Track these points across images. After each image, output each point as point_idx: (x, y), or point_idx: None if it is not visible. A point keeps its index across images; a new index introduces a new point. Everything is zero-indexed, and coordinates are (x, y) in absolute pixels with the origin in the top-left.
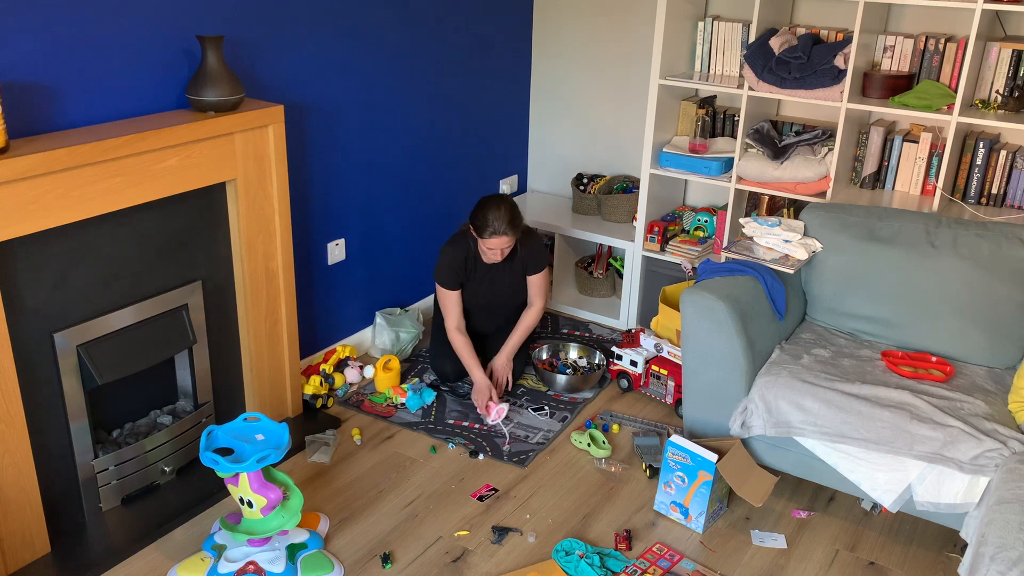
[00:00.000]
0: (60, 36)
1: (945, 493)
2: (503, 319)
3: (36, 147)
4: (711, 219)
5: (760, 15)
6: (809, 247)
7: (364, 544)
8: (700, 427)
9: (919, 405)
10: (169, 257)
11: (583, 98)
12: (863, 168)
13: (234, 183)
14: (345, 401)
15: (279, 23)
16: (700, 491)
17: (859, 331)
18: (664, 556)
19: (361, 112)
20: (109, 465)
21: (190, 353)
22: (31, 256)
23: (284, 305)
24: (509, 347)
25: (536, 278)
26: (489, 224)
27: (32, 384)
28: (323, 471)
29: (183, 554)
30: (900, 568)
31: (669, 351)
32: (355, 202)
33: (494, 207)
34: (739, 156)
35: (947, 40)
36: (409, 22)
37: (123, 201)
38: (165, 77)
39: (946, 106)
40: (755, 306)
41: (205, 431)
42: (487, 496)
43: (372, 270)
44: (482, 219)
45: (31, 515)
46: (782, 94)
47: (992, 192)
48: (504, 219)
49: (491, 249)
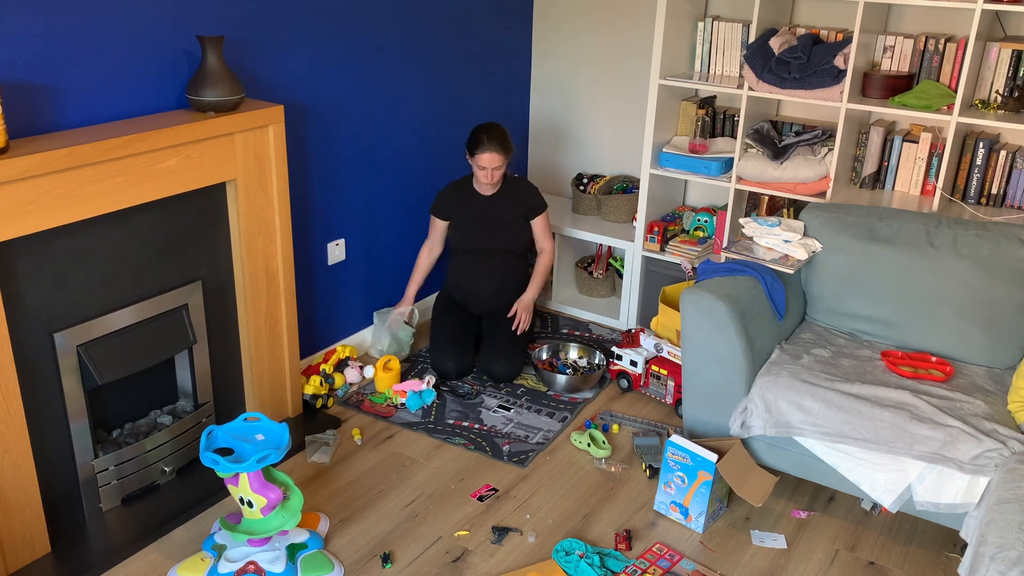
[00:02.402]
0: (60, 36)
1: (945, 493)
2: (498, 281)
3: (36, 147)
4: (711, 219)
5: (760, 15)
6: (809, 247)
7: (364, 544)
8: (700, 427)
9: (919, 405)
10: (169, 257)
11: (583, 98)
12: (863, 168)
13: (234, 183)
14: (345, 401)
15: (279, 23)
16: (700, 491)
17: (859, 331)
18: (664, 556)
19: (361, 112)
20: (109, 465)
21: (190, 353)
22: (31, 256)
23: (284, 305)
24: (534, 288)
25: (539, 220)
26: (480, 141)
27: (32, 384)
28: (323, 471)
29: (183, 554)
30: (900, 568)
31: (669, 351)
32: (355, 202)
33: (485, 127)
34: (739, 156)
35: (947, 40)
36: (409, 22)
37: (123, 201)
38: (165, 77)
39: (946, 106)
40: (755, 306)
41: (205, 431)
42: (487, 496)
43: (372, 270)
44: (473, 137)
45: (31, 515)
46: (782, 94)
47: (992, 192)
48: (495, 137)
49: (482, 168)
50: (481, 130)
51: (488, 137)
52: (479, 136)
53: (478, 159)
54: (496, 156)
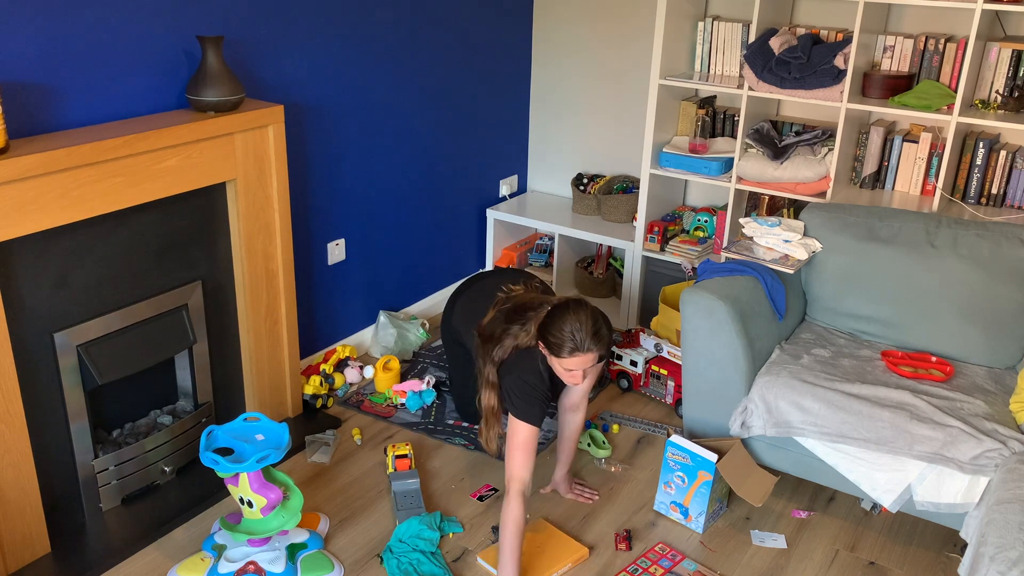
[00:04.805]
0: (60, 36)
1: (945, 493)
2: None
3: (36, 147)
4: (711, 219)
5: (760, 15)
6: (809, 247)
7: (364, 544)
8: (700, 427)
9: (919, 405)
10: (169, 257)
11: (583, 98)
12: (863, 168)
13: (234, 183)
14: (345, 401)
15: (279, 23)
16: (700, 491)
17: (859, 331)
18: (666, 556)
19: (361, 112)
20: (109, 465)
21: (190, 353)
22: (31, 256)
23: (284, 305)
24: (564, 462)
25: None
26: (570, 338)
27: (32, 384)
28: (323, 471)
29: (183, 554)
30: (900, 568)
31: (669, 351)
32: (355, 202)
33: (572, 315)
34: (739, 156)
35: (947, 40)
36: (409, 22)
37: (123, 201)
38: (165, 77)
39: (946, 106)
40: (755, 306)
41: (205, 431)
42: (487, 496)
43: (372, 270)
44: (557, 331)
45: (31, 515)
46: (782, 94)
47: (992, 192)
48: (588, 329)
49: (570, 370)
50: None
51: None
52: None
53: (564, 362)
54: (590, 356)
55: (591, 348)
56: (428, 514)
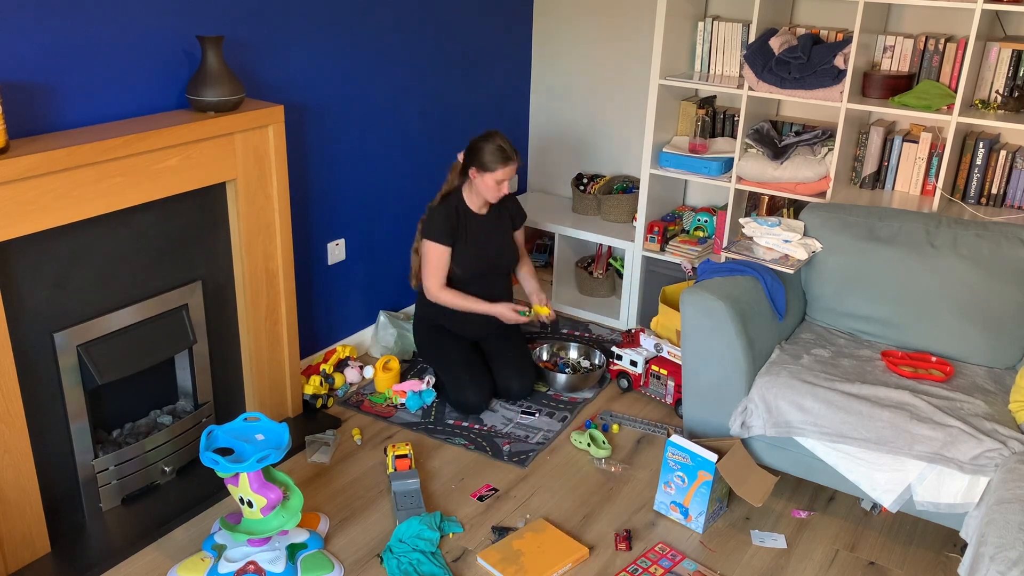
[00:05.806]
0: (60, 36)
1: (945, 493)
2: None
3: (36, 147)
4: (711, 219)
5: (760, 15)
6: (809, 247)
7: (364, 544)
8: (700, 427)
9: (919, 405)
10: (169, 257)
11: (583, 98)
12: (863, 168)
13: (234, 183)
14: (345, 401)
15: (279, 23)
16: (700, 491)
17: (859, 331)
18: (666, 556)
19: (361, 112)
20: (109, 465)
21: (190, 353)
22: (31, 256)
23: (284, 305)
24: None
25: (520, 231)
26: (505, 154)
27: (32, 384)
28: (323, 471)
29: (183, 554)
30: (900, 568)
31: (669, 351)
32: (355, 202)
33: (498, 137)
34: (739, 156)
35: (947, 40)
36: (409, 22)
37: (123, 201)
38: (165, 77)
39: (946, 106)
40: (755, 306)
41: (205, 431)
42: (487, 496)
43: (372, 270)
44: (490, 151)
45: (31, 515)
46: (782, 94)
47: (992, 192)
48: (508, 144)
49: (500, 182)
50: (495, 140)
51: (511, 149)
52: (499, 149)
53: (497, 174)
54: (514, 165)
55: (513, 156)
56: (428, 514)
